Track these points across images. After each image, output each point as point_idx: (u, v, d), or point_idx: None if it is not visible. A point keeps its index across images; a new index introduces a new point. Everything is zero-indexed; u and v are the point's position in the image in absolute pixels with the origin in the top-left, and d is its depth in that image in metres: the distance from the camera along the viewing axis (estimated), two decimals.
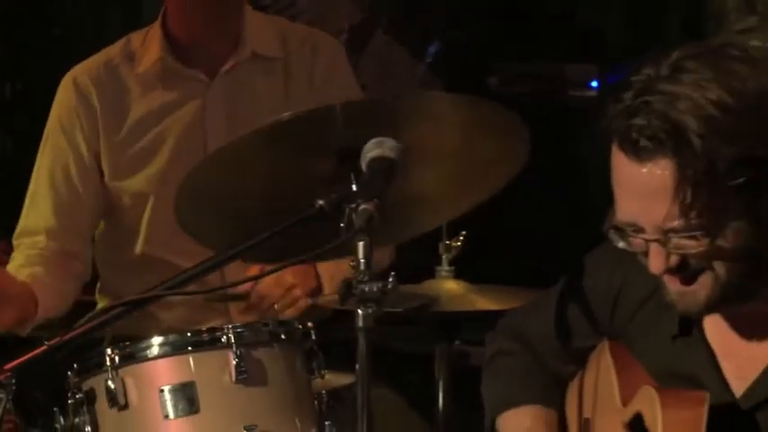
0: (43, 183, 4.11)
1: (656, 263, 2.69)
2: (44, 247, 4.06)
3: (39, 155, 4.14)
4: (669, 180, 2.60)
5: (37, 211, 4.11)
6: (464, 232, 3.60)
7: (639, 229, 2.68)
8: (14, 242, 4.11)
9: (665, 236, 2.65)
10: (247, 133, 3.21)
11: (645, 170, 2.63)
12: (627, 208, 2.69)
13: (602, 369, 2.98)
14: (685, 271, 2.69)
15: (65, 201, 4.09)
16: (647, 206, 2.65)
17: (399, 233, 3.34)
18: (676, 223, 2.63)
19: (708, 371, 2.81)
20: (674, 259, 2.68)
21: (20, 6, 5.23)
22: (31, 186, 4.14)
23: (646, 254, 2.70)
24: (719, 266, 2.67)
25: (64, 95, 4.12)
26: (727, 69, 2.61)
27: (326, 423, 3.34)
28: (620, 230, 2.72)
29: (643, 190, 2.64)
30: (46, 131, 4.14)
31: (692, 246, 2.65)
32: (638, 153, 2.62)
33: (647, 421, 2.77)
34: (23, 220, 4.12)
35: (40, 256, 4.04)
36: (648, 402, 2.77)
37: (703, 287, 2.69)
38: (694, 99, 2.58)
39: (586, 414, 3.02)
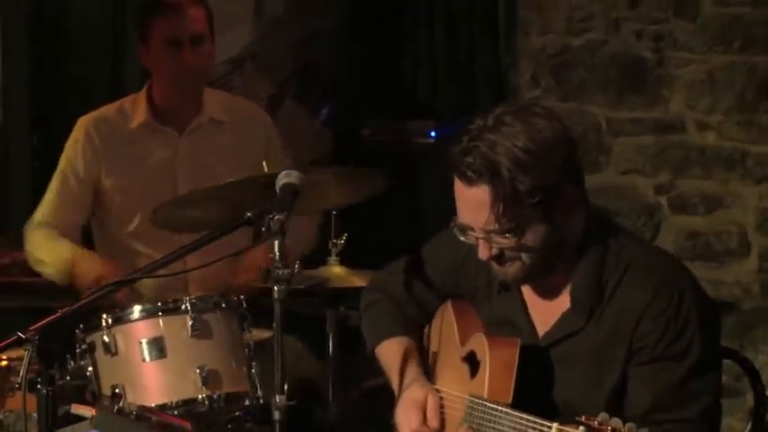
0: (54, 191, 4.06)
1: (482, 252, 2.72)
2: (51, 232, 4.02)
3: (54, 176, 4.09)
4: (487, 198, 2.64)
5: (49, 210, 4.05)
6: (345, 234, 3.61)
7: (471, 229, 2.72)
8: (27, 228, 4.06)
9: (487, 235, 2.69)
10: (203, 189, 3.28)
11: (471, 191, 2.66)
12: (462, 215, 2.73)
13: (446, 318, 2.98)
14: (502, 258, 2.72)
15: (69, 206, 4.05)
16: (474, 215, 2.68)
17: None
18: (493, 227, 2.66)
19: (522, 317, 2.84)
20: (494, 250, 2.71)
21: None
22: (47, 195, 4.09)
23: (477, 245, 2.73)
24: (525, 256, 2.70)
25: (76, 135, 4.07)
26: (531, 123, 2.66)
27: (253, 363, 3.34)
28: (461, 227, 2.75)
29: (471, 204, 2.68)
30: (61, 159, 4.09)
31: (506, 242, 2.69)
32: (467, 180, 2.66)
33: (479, 357, 2.79)
34: (38, 217, 4.06)
35: (54, 237, 4.01)
36: (480, 344, 2.79)
37: (513, 268, 2.73)
38: (506, 146, 2.63)
39: (434, 350, 3.01)
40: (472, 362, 2.81)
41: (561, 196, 2.67)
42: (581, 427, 2.36)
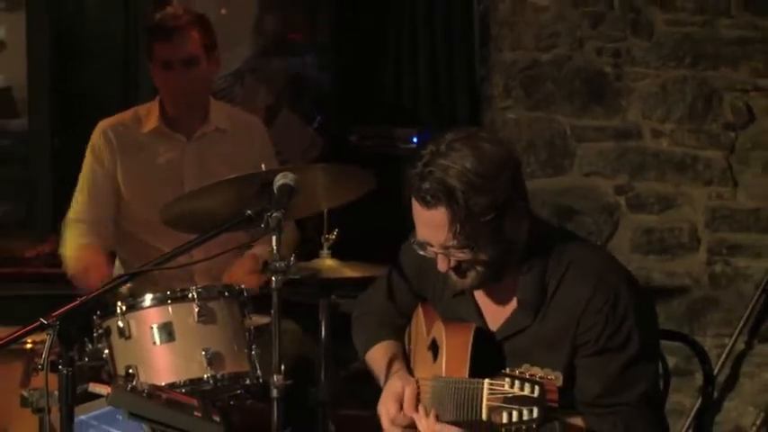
0: (85, 189, 4.04)
1: (441, 265, 2.73)
2: (86, 230, 3.99)
3: (81, 174, 4.07)
4: (445, 219, 2.65)
5: (81, 207, 4.04)
6: (336, 230, 3.62)
7: (431, 245, 2.73)
8: (64, 225, 4.03)
9: (446, 250, 2.70)
10: (208, 185, 3.26)
11: (430, 213, 2.67)
12: (421, 233, 2.73)
13: (418, 318, 3.01)
14: (459, 269, 2.74)
15: (99, 201, 4.03)
16: (433, 234, 2.69)
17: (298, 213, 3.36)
18: (451, 243, 2.67)
19: (475, 317, 2.85)
20: (452, 263, 2.72)
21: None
22: (77, 193, 4.06)
23: (436, 258, 2.74)
24: (480, 267, 2.72)
25: (96, 137, 4.06)
26: (480, 148, 2.66)
27: (253, 347, 3.35)
28: (420, 243, 2.75)
29: (430, 224, 2.69)
30: (85, 160, 4.07)
31: (463, 256, 2.70)
32: (425, 203, 2.67)
33: (438, 342, 2.81)
34: (72, 213, 4.04)
35: (86, 234, 3.99)
36: (438, 330, 2.82)
37: (469, 278, 2.75)
38: (459, 170, 2.62)
39: (412, 347, 3.04)
40: (435, 348, 2.83)
41: (510, 211, 2.67)
42: (506, 378, 2.42)
